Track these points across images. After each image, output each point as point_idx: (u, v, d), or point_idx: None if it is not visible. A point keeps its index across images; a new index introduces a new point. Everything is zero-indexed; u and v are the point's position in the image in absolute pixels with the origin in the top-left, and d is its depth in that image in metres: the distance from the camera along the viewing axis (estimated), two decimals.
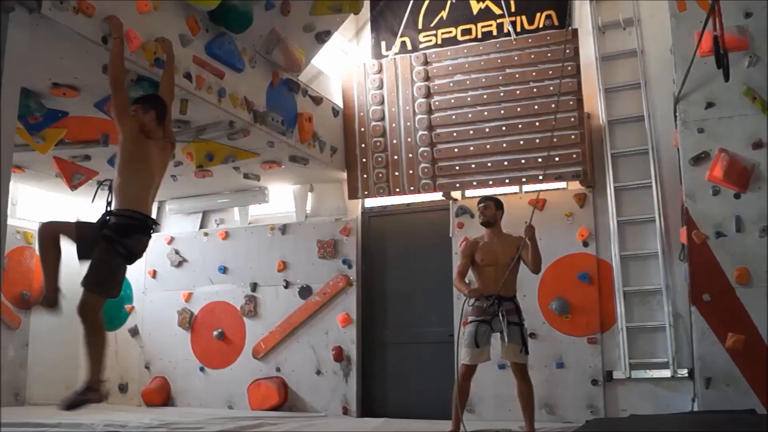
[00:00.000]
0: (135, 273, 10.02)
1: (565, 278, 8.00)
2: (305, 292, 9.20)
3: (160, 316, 9.94)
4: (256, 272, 9.55)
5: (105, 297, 5.25)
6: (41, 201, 9.45)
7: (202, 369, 9.60)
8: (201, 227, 10.12)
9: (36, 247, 5.37)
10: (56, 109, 6.49)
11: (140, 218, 5.28)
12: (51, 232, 5.21)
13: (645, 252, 7.78)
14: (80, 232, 5.29)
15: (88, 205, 9.83)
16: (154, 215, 5.72)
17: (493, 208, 6.77)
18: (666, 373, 7.44)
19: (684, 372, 7.32)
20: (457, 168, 8.37)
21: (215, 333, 9.53)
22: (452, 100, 8.52)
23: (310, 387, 9.03)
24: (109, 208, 5.28)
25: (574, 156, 7.84)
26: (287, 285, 9.32)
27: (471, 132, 8.36)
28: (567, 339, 7.91)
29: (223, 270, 9.73)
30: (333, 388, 8.90)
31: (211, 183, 9.13)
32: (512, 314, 6.42)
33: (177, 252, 9.99)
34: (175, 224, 10.26)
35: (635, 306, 7.73)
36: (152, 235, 5.46)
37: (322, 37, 8.02)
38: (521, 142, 8.06)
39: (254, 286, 9.51)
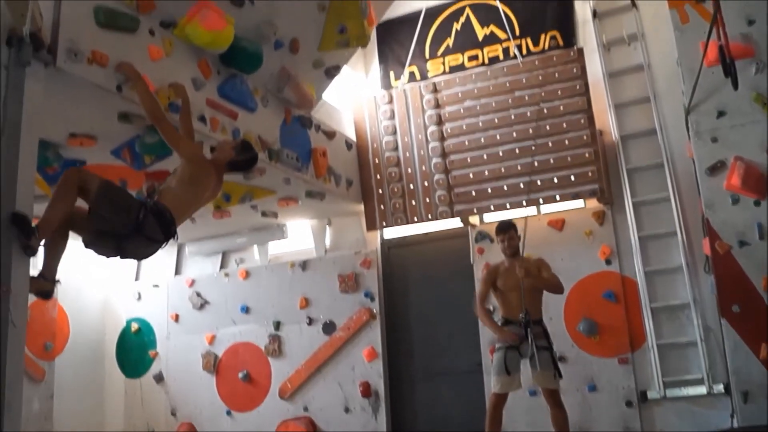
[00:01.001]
0: (158, 318, 10.08)
1: (590, 298, 7.94)
2: (329, 327, 9.16)
3: (184, 361, 9.89)
4: (279, 310, 9.52)
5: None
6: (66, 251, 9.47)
7: (228, 413, 9.51)
8: (221, 268, 10.11)
9: (55, 191, 4.89)
10: (74, 158, 6.54)
11: (172, 224, 5.14)
12: (72, 182, 4.79)
13: (669, 266, 7.73)
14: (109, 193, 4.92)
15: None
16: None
17: (516, 237, 6.77)
18: (702, 390, 7.33)
19: (720, 387, 7.21)
20: (474, 193, 8.38)
21: (240, 375, 9.49)
22: (464, 126, 8.55)
23: (339, 425, 8.92)
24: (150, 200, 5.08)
25: (590, 174, 7.84)
26: (310, 322, 9.28)
27: (485, 156, 8.38)
28: (597, 361, 7.82)
29: (246, 310, 9.70)
30: (362, 425, 8.80)
31: (229, 223, 9.15)
32: (540, 338, 6.38)
33: (198, 294, 9.98)
34: (196, 266, 10.26)
35: (664, 322, 7.66)
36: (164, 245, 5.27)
37: (332, 72, 8.08)
38: (535, 164, 8.06)
39: (277, 325, 9.47)
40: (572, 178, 7.87)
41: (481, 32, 9.16)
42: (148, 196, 5.22)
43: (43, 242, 4.65)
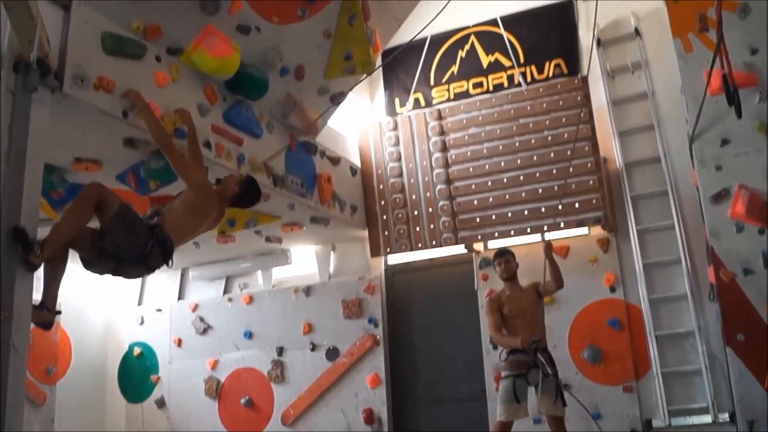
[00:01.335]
0: (160, 342, 10.08)
1: (594, 325, 7.92)
2: (332, 353, 9.13)
3: (186, 386, 9.86)
4: (282, 336, 9.50)
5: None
6: (66, 274, 9.47)
7: None
8: (225, 293, 10.10)
9: (72, 205, 4.85)
10: (79, 183, 6.54)
11: (171, 252, 5.11)
12: (94, 198, 4.74)
13: (674, 294, 7.71)
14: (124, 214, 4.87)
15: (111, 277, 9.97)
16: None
17: (513, 261, 6.80)
18: (707, 419, 7.27)
19: (725, 416, 7.15)
20: (478, 220, 8.39)
21: (243, 400, 9.45)
22: (468, 153, 8.57)
23: None
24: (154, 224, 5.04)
25: (594, 201, 7.84)
26: (314, 347, 9.26)
27: (489, 183, 8.40)
28: (602, 388, 7.77)
29: (249, 335, 9.68)
30: None
31: (233, 248, 9.16)
32: (546, 366, 6.35)
33: (201, 319, 9.97)
34: (199, 291, 10.26)
35: (668, 350, 7.62)
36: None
37: (337, 98, 8.11)
38: (540, 191, 8.08)
39: (280, 350, 9.45)
40: (576, 205, 7.88)
41: (485, 60, 9.22)
42: (150, 217, 5.17)
43: (44, 257, 4.53)
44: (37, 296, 4.76)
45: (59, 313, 4.91)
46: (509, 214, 8.24)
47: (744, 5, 6.63)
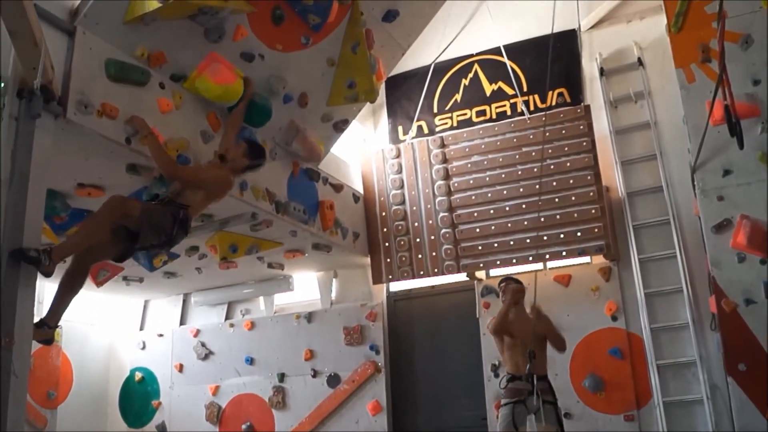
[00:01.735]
0: (161, 367, 10.07)
1: (596, 354, 7.89)
2: (333, 380, 9.10)
3: (187, 411, 9.84)
4: (283, 362, 9.48)
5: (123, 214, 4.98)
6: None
7: None
8: (226, 318, 10.10)
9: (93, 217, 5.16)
10: (81, 208, 6.58)
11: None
12: (117, 211, 4.95)
13: (675, 323, 7.68)
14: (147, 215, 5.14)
15: (113, 301, 9.99)
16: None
17: (519, 288, 6.79)
18: None
19: None
20: (480, 248, 8.39)
21: (244, 426, 9.41)
22: (471, 181, 8.60)
23: None
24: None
25: (596, 230, 7.85)
26: (315, 374, 9.23)
27: (491, 211, 8.41)
28: (603, 417, 7.73)
29: (250, 361, 9.67)
30: None
31: (235, 274, 9.17)
32: (546, 393, 6.33)
33: (203, 344, 9.96)
34: (201, 316, 10.26)
35: (670, 379, 7.59)
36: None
37: (340, 126, 8.16)
38: (542, 219, 8.08)
39: (282, 377, 9.42)
40: (578, 234, 7.88)
41: (489, 88, 9.26)
42: (171, 198, 5.43)
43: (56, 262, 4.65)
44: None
45: (60, 327, 5.16)
46: (511, 242, 8.24)
47: (746, 36, 6.66)
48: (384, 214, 9.02)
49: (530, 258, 8.14)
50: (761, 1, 6.57)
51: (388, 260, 8.87)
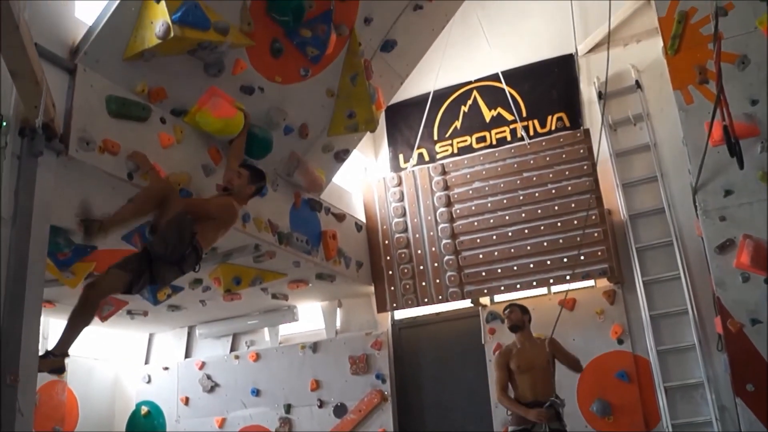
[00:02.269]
0: (167, 401, 10.02)
1: (603, 378, 7.85)
2: (340, 410, 9.06)
3: None
4: (290, 393, 9.44)
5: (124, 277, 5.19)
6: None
7: None
8: (232, 350, 10.07)
9: (142, 190, 5.53)
10: (84, 244, 6.60)
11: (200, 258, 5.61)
12: (163, 191, 5.49)
13: (682, 345, 7.66)
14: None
15: (118, 336, 9.97)
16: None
17: (518, 312, 6.79)
18: None
19: None
20: (484, 274, 8.39)
21: None
22: (473, 207, 8.61)
23: None
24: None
25: (599, 253, 7.85)
26: (321, 404, 9.19)
27: (494, 237, 8.41)
28: None
29: (256, 392, 9.62)
30: None
31: (240, 305, 9.16)
32: (553, 420, 6.29)
33: (209, 377, 9.93)
34: (206, 349, 10.23)
35: (678, 402, 7.55)
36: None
37: (341, 155, 8.20)
38: (545, 244, 8.09)
39: (288, 408, 9.38)
40: (582, 257, 7.86)
41: (488, 114, 9.31)
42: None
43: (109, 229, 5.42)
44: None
45: (68, 355, 5.13)
46: (515, 268, 8.24)
47: (743, 57, 6.68)
48: (387, 242, 9.03)
49: (534, 283, 8.13)
50: (756, 22, 6.60)
51: (392, 288, 8.87)
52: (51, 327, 9.30)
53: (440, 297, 8.61)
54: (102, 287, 5.22)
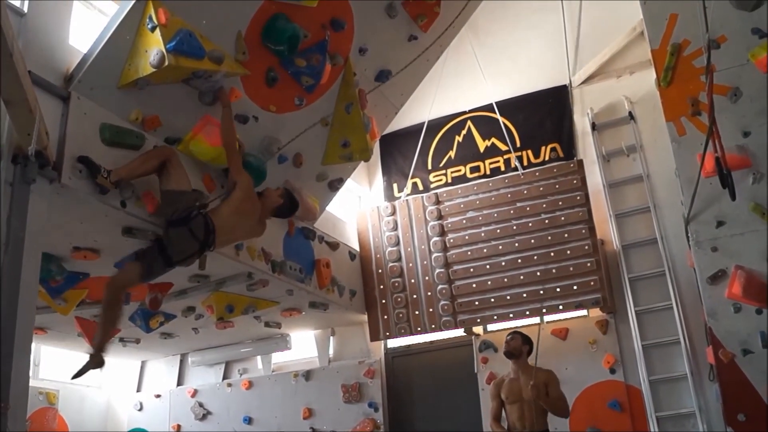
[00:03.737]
0: (159, 428, 10.00)
1: (595, 408, 7.84)
2: None
3: None
4: (282, 421, 9.39)
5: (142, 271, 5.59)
6: (63, 361, 9.46)
7: None
8: (224, 378, 10.02)
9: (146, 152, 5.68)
10: (77, 271, 6.60)
11: (212, 232, 5.74)
12: (163, 156, 5.66)
13: (674, 375, 7.66)
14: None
15: (110, 363, 9.92)
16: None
17: (519, 340, 6.79)
18: None
19: None
20: (477, 303, 8.39)
21: None
22: (466, 237, 8.63)
23: None
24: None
25: (592, 283, 7.86)
26: None
27: (487, 267, 8.42)
28: None
29: (248, 421, 9.57)
30: None
31: (232, 333, 9.13)
32: None
33: (201, 405, 9.87)
34: (198, 376, 10.18)
35: (670, 431, 7.53)
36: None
37: (335, 184, 8.22)
38: (538, 273, 8.10)
39: None
40: (575, 287, 7.89)
41: (482, 144, 9.36)
42: (200, 208, 5.80)
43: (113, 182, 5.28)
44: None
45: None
46: (508, 297, 8.24)
47: (735, 89, 6.73)
48: (380, 271, 9.03)
49: (527, 312, 8.13)
50: (749, 54, 6.67)
51: (386, 317, 8.86)
52: (42, 354, 9.30)
53: (433, 326, 8.60)
54: (119, 282, 5.58)
